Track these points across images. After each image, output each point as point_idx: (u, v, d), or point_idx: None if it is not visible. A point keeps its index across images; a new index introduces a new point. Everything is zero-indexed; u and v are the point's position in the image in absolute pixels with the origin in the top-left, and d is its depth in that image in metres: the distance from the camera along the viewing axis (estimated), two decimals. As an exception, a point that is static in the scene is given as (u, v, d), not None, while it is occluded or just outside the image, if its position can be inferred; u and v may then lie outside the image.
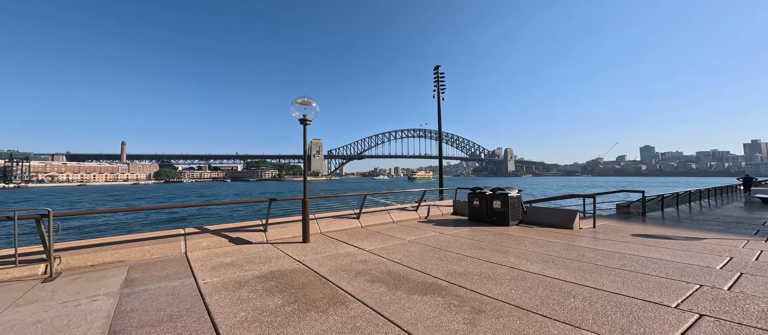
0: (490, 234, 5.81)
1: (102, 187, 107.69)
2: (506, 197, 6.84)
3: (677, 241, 5.19)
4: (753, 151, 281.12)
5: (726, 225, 7.07)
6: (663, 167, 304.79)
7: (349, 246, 4.96)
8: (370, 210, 7.36)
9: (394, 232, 6.07)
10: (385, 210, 7.53)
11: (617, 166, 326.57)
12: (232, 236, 5.21)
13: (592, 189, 62.59)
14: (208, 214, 21.11)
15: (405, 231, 6.24)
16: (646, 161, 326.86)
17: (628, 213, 9.04)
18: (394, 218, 7.34)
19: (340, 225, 6.40)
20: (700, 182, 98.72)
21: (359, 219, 6.78)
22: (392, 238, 5.53)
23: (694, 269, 3.63)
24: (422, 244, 5.06)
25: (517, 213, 6.98)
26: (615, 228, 6.47)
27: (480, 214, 7.35)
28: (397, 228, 6.49)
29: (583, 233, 5.92)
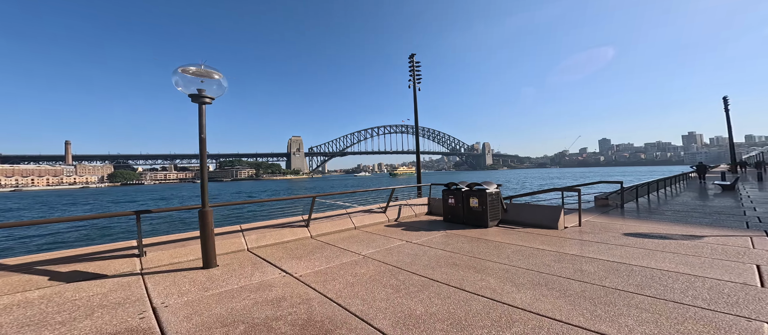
0: (466, 241, 4.60)
1: (35, 193, 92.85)
2: (484, 194, 5.69)
3: (677, 242, 4.26)
4: (690, 141, 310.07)
5: (709, 216, 6.40)
6: (617, 158, 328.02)
7: (275, 270, 3.51)
8: (327, 215, 5.90)
9: (350, 243, 4.69)
10: (346, 214, 6.10)
11: (580, 158, 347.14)
12: (64, 271, 3.28)
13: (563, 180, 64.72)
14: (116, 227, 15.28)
15: (364, 240, 4.88)
16: (604, 152, 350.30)
17: (606, 206, 8.32)
18: (356, 223, 5.94)
19: (280, 236, 4.86)
20: (650, 170, 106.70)
21: (309, 228, 5.28)
22: (343, 253, 4.15)
23: (733, 289, 2.59)
24: (379, 262, 3.73)
25: (497, 211, 5.85)
26: (601, 225, 5.53)
27: (456, 214, 6.17)
28: (356, 237, 5.11)
29: (570, 234, 4.88)
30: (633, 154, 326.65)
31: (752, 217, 6.09)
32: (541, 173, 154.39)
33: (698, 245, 4.04)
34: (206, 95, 3.26)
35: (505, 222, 5.96)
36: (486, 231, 5.28)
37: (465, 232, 5.26)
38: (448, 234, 5.18)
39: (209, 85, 3.22)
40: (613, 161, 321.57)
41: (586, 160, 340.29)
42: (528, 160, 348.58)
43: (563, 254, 3.78)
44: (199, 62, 3.08)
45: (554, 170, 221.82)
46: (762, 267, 3.09)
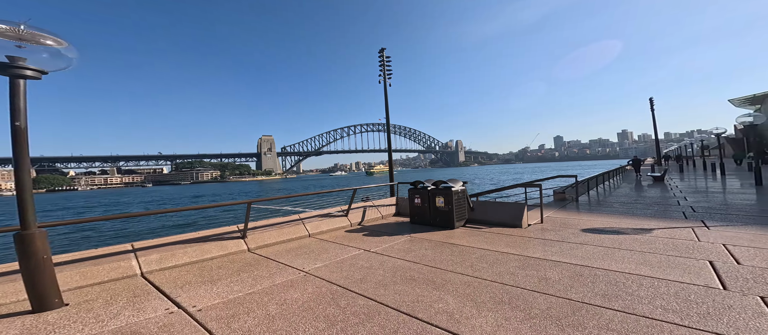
0: (430, 247, 4.07)
1: None
2: (450, 193, 5.25)
3: (631, 237, 4.19)
4: (623, 138, 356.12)
5: (651, 208, 6.75)
6: (569, 153, 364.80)
7: (161, 305, 2.58)
8: (275, 222, 4.98)
9: (295, 256, 3.89)
10: (300, 220, 5.23)
11: (539, 154, 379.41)
12: None
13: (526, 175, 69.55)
14: None
15: (315, 251, 4.11)
16: (559, 148, 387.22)
17: (564, 199, 8.55)
18: (311, 229, 5.11)
19: (201, 253, 3.81)
20: (594, 164, 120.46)
21: (245, 239, 4.33)
22: (281, 271, 3.35)
23: (699, 295, 2.34)
24: (323, 280, 3.01)
25: (463, 211, 5.45)
26: (561, 221, 5.42)
27: (423, 215, 5.67)
28: (306, 247, 4.31)
29: (533, 232, 4.64)
30: (581, 150, 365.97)
31: (686, 207, 6.52)
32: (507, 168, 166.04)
33: (650, 240, 3.98)
34: (27, 66, 2.17)
35: (471, 222, 5.61)
36: (452, 234, 4.83)
37: (430, 236, 4.75)
38: (412, 238, 4.63)
39: (35, 53, 2.14)
40: (566, 156, 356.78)
41: (544, 155, 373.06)
42: (496, 156, 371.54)
43: (527, 258, 3.42)
44: (20, 21, 2.00)
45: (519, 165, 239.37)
46: (716, 265, 2.99)
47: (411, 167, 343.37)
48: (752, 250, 3.38)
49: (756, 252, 3.32)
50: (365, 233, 5.12)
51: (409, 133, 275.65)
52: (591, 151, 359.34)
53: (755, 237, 3.94)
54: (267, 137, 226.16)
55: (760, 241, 3.72)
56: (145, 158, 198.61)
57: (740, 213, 5.54)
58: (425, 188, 5.62)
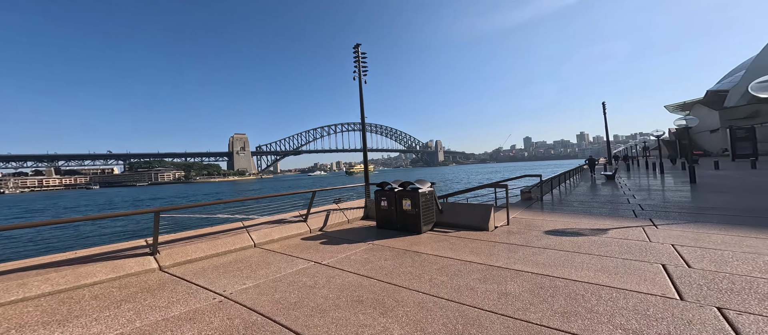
0: (391, 257, 3.65)
1: None
2: (417, 195, 4.89)
3: (589, 239, 4.14)
4: (581, 139, 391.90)
5: (605, 206, 7.02)
6: (536, 153, 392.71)
7: None
8: (211, 232, 4.20)
9: (221, 275, 3.22)
10: (243, 228, 4.51)
11: (511, 154, 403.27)
12: None
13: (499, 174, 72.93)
14: None
15: (252, 265, 3.48)
16: (527, 149, 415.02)
17: (530, 199, 8.69)
18: (257, 239, 4.42)
19: (74, 278, 2.91)
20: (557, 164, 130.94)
21: (157, 255, 3.45)
22: (189, 297, 2.68)
23: (657, 308, 2.16)
24: (242, 307, 2.43)
25: (431, 214, 5.12)
26: (526, 223, 5.33)
27: (389, 219, 5.25)
28: (244, 261, 3.65)
29: (499, 236, 4.43)
30: (546, 150, 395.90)
31: (635, 205, 6.86)
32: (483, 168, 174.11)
33: (606, 241, 3.94)
34: None
35: (440, 225, 5.30)
36: (418, 239, 4.46)
37: (394, 242, 4.33)
38: (373, 246, 4.17)
39: None
40: (534, 156, 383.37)
41: (515, 155, 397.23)
42: (473, 155, 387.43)
43: (490, 268, 3.13)
44: None
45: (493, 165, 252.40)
46: (668, 268, 2.92)
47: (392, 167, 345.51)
48: (698, 251, 3.42)
49: (702, 253, 3.35)
50: (323, 241, 4.56)
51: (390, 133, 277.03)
52: (555, 151, 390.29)
53: (697, 235, 4.07)
54: (240, 135, 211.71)
55: (702, 240, 3.82)
56: (92, 157, 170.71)
57: (681, 211, 5.88)
58: (392, 190, 5.20)
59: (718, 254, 3.27)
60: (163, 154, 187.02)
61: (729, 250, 3.39)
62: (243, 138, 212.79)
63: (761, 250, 3.35)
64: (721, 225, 4.56)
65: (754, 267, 2.86)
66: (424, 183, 5.26)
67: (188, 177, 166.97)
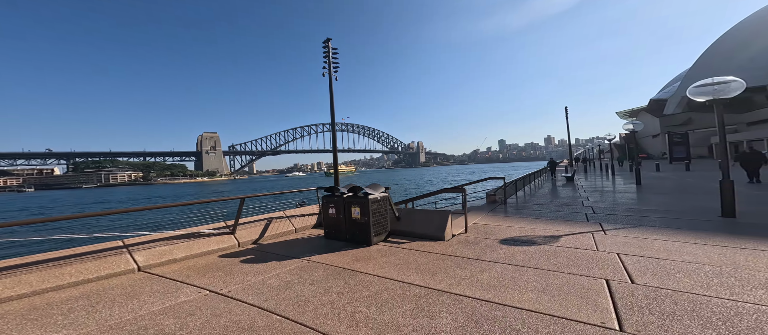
0: (320, 279, 3.06)
1: None
2: (366, 202, 4.34)
3: (541, 249, 3.89)
4: (548, 142, 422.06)
5: (562, 209, 7.04)
6: (509, 155, 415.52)
7: None
8: (67, 255, 3.22)
9: (29, 321, 2.36)
10: (123, 247, 3.55)
11: (487, 155, 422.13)
12: None
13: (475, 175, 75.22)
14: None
15: (102, 301, 2.66)
16: (502, 151, 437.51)
17: (494, 202, 8.59)
18: (144, 260, 3.46)
19: None
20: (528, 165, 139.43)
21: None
22: None
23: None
24: None
25: (384, 223, 4.61)
26: (485, 230, 5.04)
27: (338, 228, 4.65)
28: (94, 295, 2.78)
29: (453, 247, 4.05)
30: (518, 152, 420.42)
31: (588, 208, 6.96)
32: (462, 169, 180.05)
33: (556, 252, 3.70)
34: None
35: (396, 233, 4.82)
36: (365, 253, 3.92)
37: (335, 258, 3.74)
38: (307, 263, 3.54)
39: None
40: (507, 158, 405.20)
41: (491, 157, 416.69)
42: (452, 157, 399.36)
43: (430, 293, 2.67)
44: None
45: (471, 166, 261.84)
46: (612, 286, 2.66)
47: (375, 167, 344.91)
48: (642, 261, 3.26)
49: (646, 264, 3.19)
50: (248, 258, 3.83)
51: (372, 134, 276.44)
52: (526, 154, 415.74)
53: (641, 242, 4.00)
54: (210, 134, 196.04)
55: (646, 248, 3.73)
56: (26, 156, 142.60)
57: (628, 214, 5.99)
58: (341, 196, 4.60)
59: (661, 265, 3.12)
60: (117, 153, 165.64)
61: (671, 260, 3.27)
62: (213, 136, 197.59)
63: (700, 258, 3.27)
64: (663, 230, 4.59)
65: (696, 281, 2.70)
66: (376, 189, 4.75)
67: (147, 179, 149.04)
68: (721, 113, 5.15)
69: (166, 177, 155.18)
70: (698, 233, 4.30)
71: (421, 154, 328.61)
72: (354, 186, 4.57)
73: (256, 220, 4.88)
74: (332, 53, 13.70)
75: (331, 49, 13.59)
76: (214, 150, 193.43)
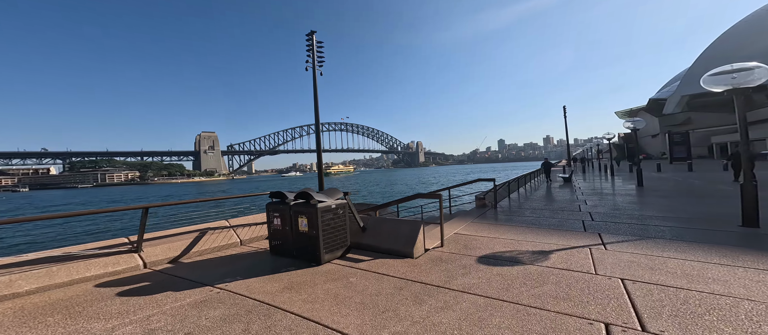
0: (215, 325, 2.27)
1: None
2: (315, 212, 3.51)
3: (525, 271, 3.11)
4: (547, 142, 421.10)
5: (557, 215, 6.24)
6: (508, 155, 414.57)
7: None
8: None
9: None
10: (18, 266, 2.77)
11: (486, 155, 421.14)
12: None
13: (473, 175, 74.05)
14: None
15: None
16: (501, 151, 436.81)
17: (484, 206, 7.82)
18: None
19: None
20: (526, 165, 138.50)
21: None
22: None
23: None
24: None
25: (341, 236, 3.82)
26: (464, 243, 4.25)
27: (285, 242, 3.83)
28: None
29: (419, 269, 3.26)
30: (517, 152, 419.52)
31: (586, 213, 6.17)
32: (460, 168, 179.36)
33: (544, 275, 2.92)
34: None
35: (359, 247, 4.04)
36: (310, 275, 3.14)
37: (263, 284, 2.94)
38: (213, 295, 2.74)
39: None
40: (507, 158, 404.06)
41: (490, 157, 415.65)
42: (452, 157, 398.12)
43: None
44: None
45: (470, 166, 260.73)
46: (611, 330, 1.86)
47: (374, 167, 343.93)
48: (655, 292, 2.47)
49: (660, 296, 2.41)
50: (139, 286, 2.96)
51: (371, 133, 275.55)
52: (525, 154, 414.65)
53: (651, 261, 3.21)
54: (208, 134, 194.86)
55: (657, 270, 2.94)
56: (21, 155, 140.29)
57: (631, 222, 5.20)
58: (287, 204, 3.79)
59: (681, 299, 2.33)
60: (114, 153, 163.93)
61: (693, 289, 2.48)
62: (212, 136, 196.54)
63: (733, 289, 2.48)
64: (676, 243, 3.80)
65: (738, 329, 1.90)
66: (332, 195, 3.95)
67: (144, 179, 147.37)
68: (742, 105, 4.36)
69: (163, 177, 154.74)
70: (720, 248, 3.51)
71: (421, 154, 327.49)
72: (303, 192, 3.74)
73: (183, 233, 4.06)
74: (317, 47, 12.93)
75: (315, 43, 12.81)
76: (212, 149, 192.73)
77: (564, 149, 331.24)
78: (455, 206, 9.32)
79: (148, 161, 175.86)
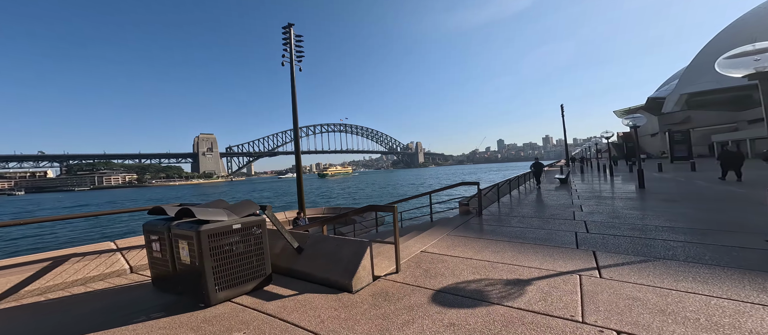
0: None
1: None
2: (197, 236, 2.49)
3: (488, 318, 2.29)
4: (547, 142, 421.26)
5: (547, 224, 5.39)
6: (508, 155, 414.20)
7: None
8: None
9: None
10: None
11: (486, 155, 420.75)
12: None
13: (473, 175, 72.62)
14: None
15: None
16: (501, 151, 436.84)
17: (468, 213, 6.99)
18: None
19: None
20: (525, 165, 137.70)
21: None
22: None
23: None
24: None
25: (253, 265, 2.84)
26: (428, 265, 3.43)
27: (166, 274, 2.87)
28: None
29: (352, 312, 2.46)
30: (517, 152, 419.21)
31: (580, 222, 5.33)
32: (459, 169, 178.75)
33: (511, 327, 2.06)
34: None
35: (292, 274, 3.18)
36: (186, 327, 2.26)
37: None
38: None
39: None
40: (506, 158, 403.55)
41: (490, 157, 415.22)
42: (451, 157, 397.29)
43: None
44: None
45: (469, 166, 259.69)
46: None
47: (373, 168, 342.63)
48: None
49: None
50: None
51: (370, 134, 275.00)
52: (524, 154, 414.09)
53: (662, 299, 2.37)
54: (206, 135, 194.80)
55: (670, 313, 2.11)
56: (18, 158, 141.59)
57: (633, 235, 4.35)
58: (166, 224, 2.77)
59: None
60: (112, 155, 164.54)
61: (730, 362, 1.63)
62: (210, 138, 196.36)
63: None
64: (693, 268, 2.96)
65: None
66: (241, 209, 2.93)
67: (142, 181, 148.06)
68: None
69: (161, 179, 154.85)
70: (754, 276, 2.67)
71: (420, 155, 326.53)
72: (185, 208, 2.68)
73: (39, 261, 3.14)
74: (296, 41, 12.13)
75: (294, 37, 12.01)
76: (210, 151, 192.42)
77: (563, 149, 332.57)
78: (438, 213, 8.49)
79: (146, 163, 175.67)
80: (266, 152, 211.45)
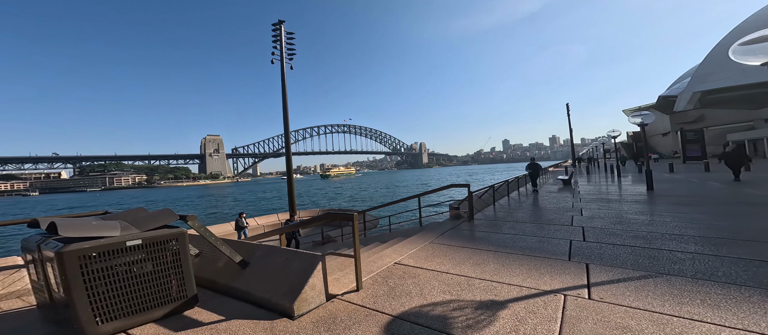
0: None
1: None
2: (67, 259, 1.92)
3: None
4: (553, 142, 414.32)
5: (542, 230, 4.93)
6: (513, 155, 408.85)
7: None
8: None
9: None
10: None
11: (491, 156, 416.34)
12: None
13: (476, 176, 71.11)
14: None
15: None
16: (506, 151, 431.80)
17: (458, 218, 6.57)
18: None
19: None
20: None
21: None
22: None
23: None
24: None
25: (159, 289, 2.31)
26: (394, 284, 3.06)
27: (45, 299, 2.32)
28: None
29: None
30: (522, 152, 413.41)
31: (577, 229, 4.85)
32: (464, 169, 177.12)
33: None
34: None
35: (232, 294, 2.80)
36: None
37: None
38: None
39: None
40: (511, 158, 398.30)
41: (495, 157, 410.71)
42: (455, 157, 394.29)
43: None
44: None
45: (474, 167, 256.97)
46: None
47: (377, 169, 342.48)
48: None
49: None
50: None
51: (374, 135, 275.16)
52: (530, 154, 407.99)
53: (661, 328, 1.93)
54: (213, 137, 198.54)
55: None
56: (33, 160, 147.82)
57: (635, 245, 3.88)
58: (37, 241, 2.23)
59: None
60: (122, 157, 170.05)
61: None
62: (217, 139, 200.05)
63: None
64: (704, 286, 2.50)
65: None
66: (157, 219, 2.48)
67: (150, 182, 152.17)
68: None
69: (170, 180, 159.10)
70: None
71: (424, 155, 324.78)
72: (52, 222, 2.17)
73: None
74: (287, 39, 11.92)
75: (284, 34, 11.81)
76: (217, 152, 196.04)
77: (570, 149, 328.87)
78: (430, 217, 8.07)
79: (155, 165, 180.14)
80: (271, 153, 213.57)
